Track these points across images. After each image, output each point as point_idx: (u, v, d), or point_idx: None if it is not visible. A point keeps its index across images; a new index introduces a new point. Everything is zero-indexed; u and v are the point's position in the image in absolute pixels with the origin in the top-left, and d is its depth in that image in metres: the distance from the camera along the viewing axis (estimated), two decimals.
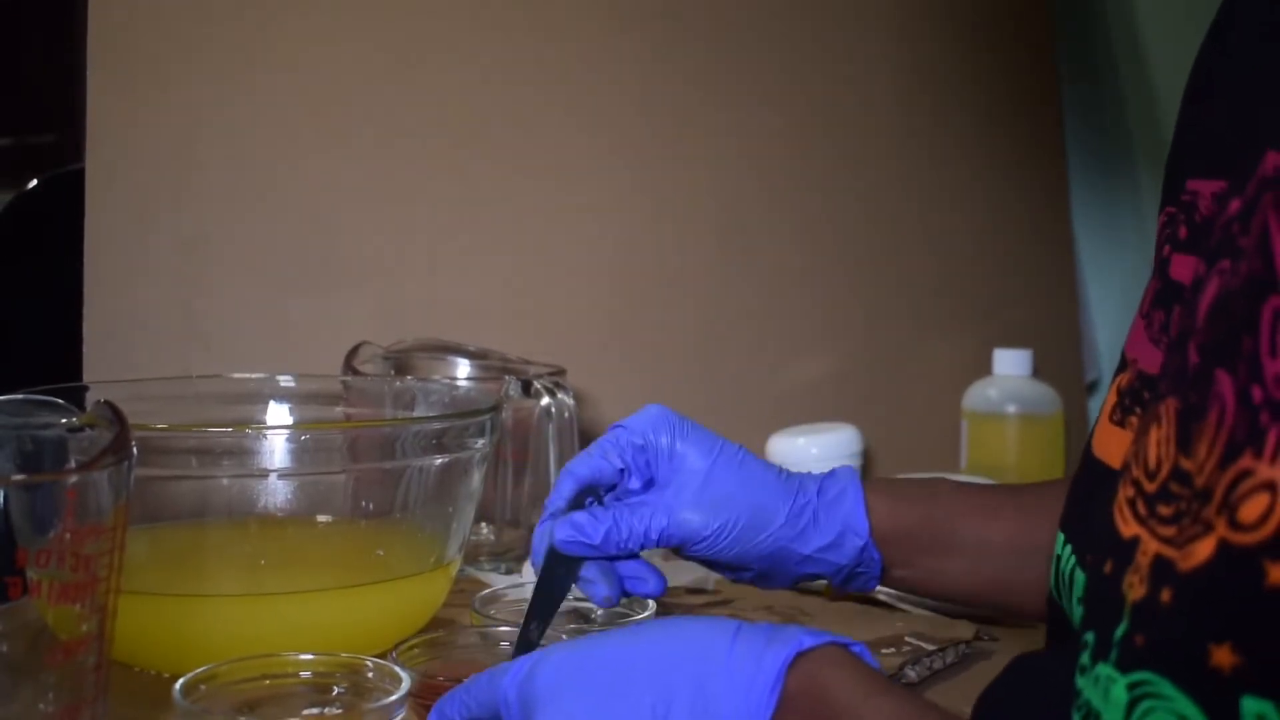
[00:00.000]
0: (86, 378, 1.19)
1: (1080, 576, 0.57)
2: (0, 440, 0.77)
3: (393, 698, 0.67)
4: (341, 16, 1.30)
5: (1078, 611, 0.56)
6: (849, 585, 0.75)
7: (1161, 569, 0.42)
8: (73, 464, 0.72)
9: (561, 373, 1.15)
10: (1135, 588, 0.43)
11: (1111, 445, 0.57)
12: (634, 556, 0.73)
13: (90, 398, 0.95)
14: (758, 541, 0.72)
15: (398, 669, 0.69)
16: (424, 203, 1.34)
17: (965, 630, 0.93)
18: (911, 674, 0.86)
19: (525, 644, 0.71)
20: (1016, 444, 1.36)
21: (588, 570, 0.72)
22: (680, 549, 0.73)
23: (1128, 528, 0.45)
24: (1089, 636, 0.45)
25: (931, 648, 0.89)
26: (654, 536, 0.71)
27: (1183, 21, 0.66)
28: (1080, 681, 0.45)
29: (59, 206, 1.52)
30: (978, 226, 1.58)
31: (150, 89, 1.24)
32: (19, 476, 0.67)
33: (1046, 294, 1.62)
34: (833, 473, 0.75)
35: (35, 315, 1.68)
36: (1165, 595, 0.41)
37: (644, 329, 1.41)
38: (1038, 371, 1.40)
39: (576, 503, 0.73)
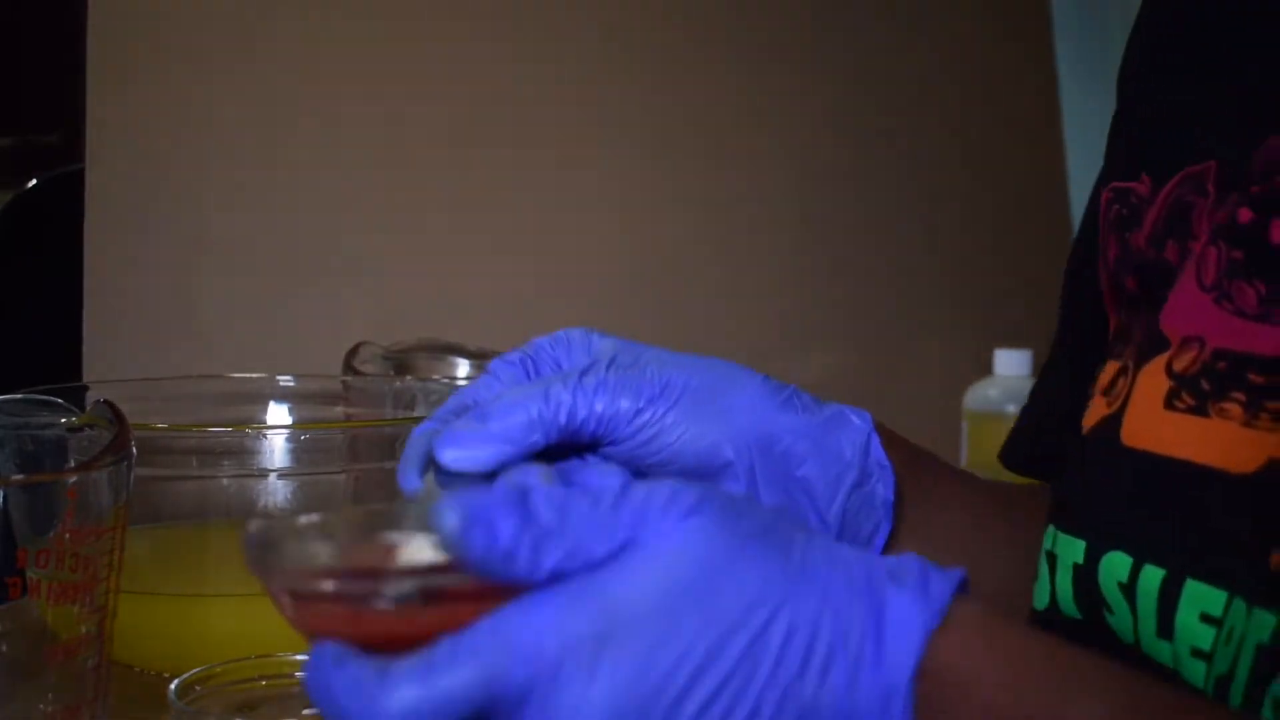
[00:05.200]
0: (86, 378, 1.19)
1: (1149, 586, 0.50)
2: (0, 440, 0.77)
3: None
4: (341, 16, 1.30)
5: (1147, 626, 0.50)
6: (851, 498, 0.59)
7: None
8: (73, 464, 0.72)
9: None
10: None
11: (1168, 434, 0.51)
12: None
13: (90, 398, 0.94)
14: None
15: None
16: (424, 202, 1.33)
17: None
18: None
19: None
20: None
21: None
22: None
23: None
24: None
25: None
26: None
27: None
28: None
29: (59, 206, 1.51)
30: (978, 226, 1.58)
31: (150, 89, 1.24)
32: (19, 476, 0.67)
33: (1046, 294, 1.61)
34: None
35: (35, 315, 1.68)
36: None
37: (643, 329, 1.40)
38: (1038, 372, 1.40)
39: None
